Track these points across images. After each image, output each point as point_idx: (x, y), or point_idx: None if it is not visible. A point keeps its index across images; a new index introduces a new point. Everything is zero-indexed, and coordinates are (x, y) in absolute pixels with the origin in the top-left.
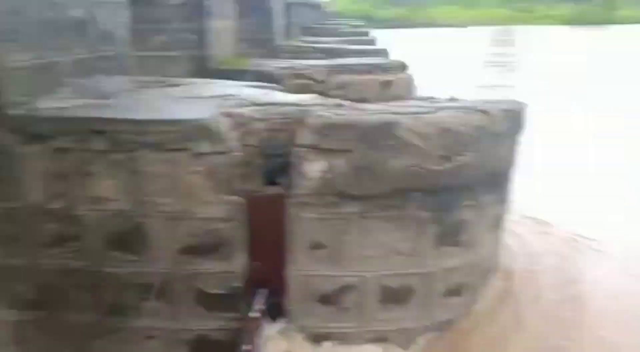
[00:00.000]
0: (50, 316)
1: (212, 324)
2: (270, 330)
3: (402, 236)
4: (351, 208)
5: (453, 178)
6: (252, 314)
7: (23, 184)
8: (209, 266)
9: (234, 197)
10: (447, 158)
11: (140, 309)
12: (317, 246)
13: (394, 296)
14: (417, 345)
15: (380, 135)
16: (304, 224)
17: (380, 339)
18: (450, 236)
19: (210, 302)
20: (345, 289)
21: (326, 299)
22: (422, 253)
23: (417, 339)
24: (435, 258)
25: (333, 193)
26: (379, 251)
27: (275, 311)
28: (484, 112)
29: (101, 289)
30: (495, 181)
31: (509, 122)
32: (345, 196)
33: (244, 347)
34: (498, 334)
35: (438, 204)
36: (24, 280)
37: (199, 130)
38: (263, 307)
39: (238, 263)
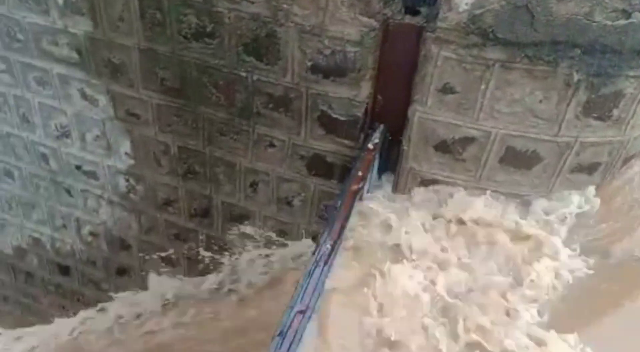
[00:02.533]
0: (188, 105)
1: (329, 146)
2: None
3: (544, 96)
4: (495, 54)
5: (624, 39)
6: (369, 146)
7: None
8: (335, 89)
9: (370, 20)
10: (625, 13)
11: (267, 117)
12: (448, 89)
13: (517, 159)
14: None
15: None
16: (439, 63)
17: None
18: (600, 107)
19: (330, 125)
20: (466, 140)
21: (444, 147)
22: (561, 120)
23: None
24: (574, 128)
25: (479, 33)
26: (514, 107)
27: (388, 149)
28: None
29: (233, 91)
30: None
31: None
32: (492, 39)
33: (357, 173)
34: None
35: (596, 67)
36: (168, 68)
37: None
38: (379, 141)
39: (363, 93)
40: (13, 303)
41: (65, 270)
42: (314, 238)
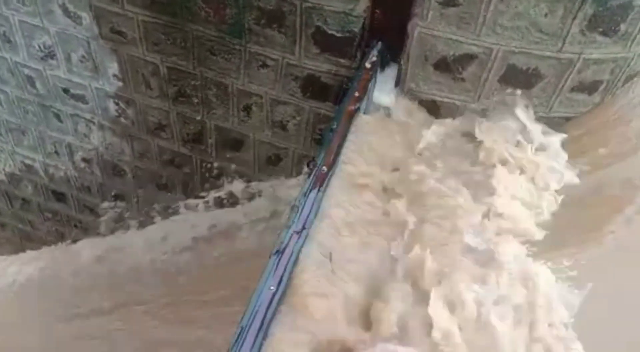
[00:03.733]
0: (176, 22)
1: (324, 66)
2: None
3: (549, 9)
4: None
5: None
6: (366, 64)
7: None
8: (330, 2)
9: None
10: None
11: (259, 35)
12: (450, 1)
13: (518, 78)
14: None
15: None
16: None
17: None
18: (606, 21)
19: (326, 43)
20: (467, 58)
21: (443, 66)
22: (565, 35)
23: None
24: (578, 44)
25: None
26: (517, 22)
27: (385, 68)
28: None
29: (223, 5)
30: None
31: None
32: None
33: (354, 93)
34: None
35: None
36: None
37: None
38: (376, 60)
39: (360, 6)
40: (11, 230)
41: (60, 196)
42: (308, 164)
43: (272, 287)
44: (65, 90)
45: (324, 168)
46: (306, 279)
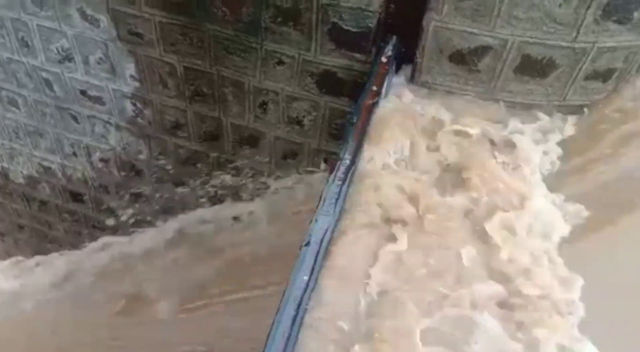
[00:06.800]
0: (192, 23)
1: (340, 61)
2: (395, 79)
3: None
4: None
5: None
6: (382, 59)
7: None
8: None
9: None
10: None
11: (275, 32)
12: None
13: (532, 68)
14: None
15: None
16: None
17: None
18: (620, 9)
19: (341, 38)
20: (482, 50)
21: (459, 58)
22: (580, 24)
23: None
24: (592, 33)
25: None
26: (532, 13)
27: (401, 61)
28: None
29: (240, 4)
30: None
31: None
32: None
33: (371, 87)
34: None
35: None
36: None
37: None
38: (392, 54)
39: (375, 2)
40: (29, 231)
41: (78, 197)
42: (325, 160)
43: (305, 277)
44: (83, 92)
45: (347, 161)
46: None
